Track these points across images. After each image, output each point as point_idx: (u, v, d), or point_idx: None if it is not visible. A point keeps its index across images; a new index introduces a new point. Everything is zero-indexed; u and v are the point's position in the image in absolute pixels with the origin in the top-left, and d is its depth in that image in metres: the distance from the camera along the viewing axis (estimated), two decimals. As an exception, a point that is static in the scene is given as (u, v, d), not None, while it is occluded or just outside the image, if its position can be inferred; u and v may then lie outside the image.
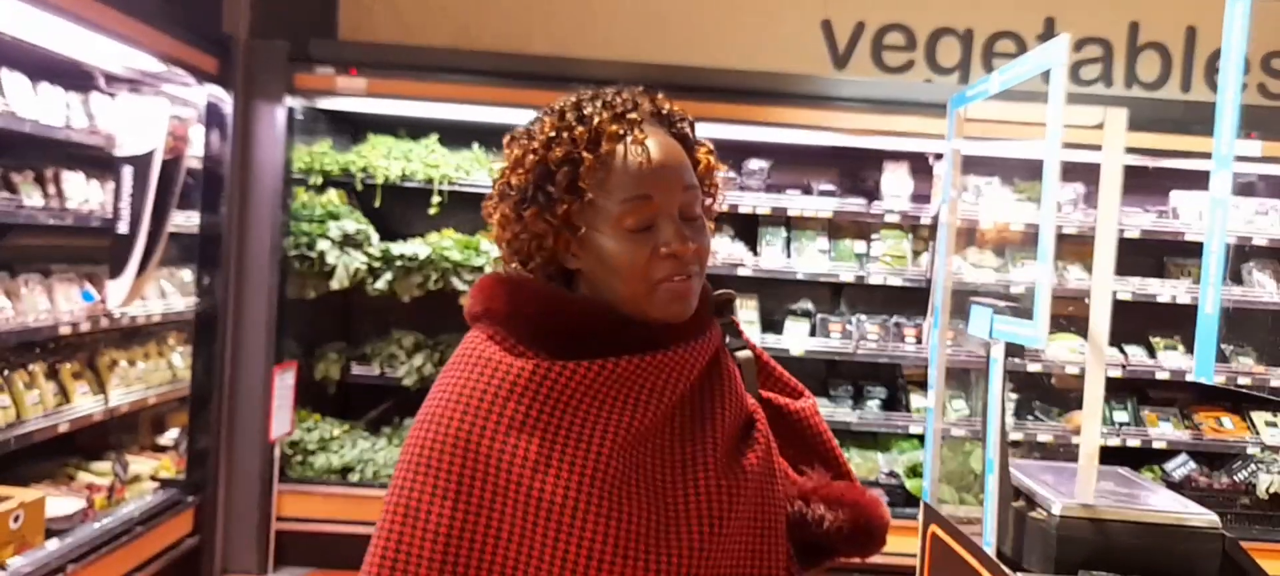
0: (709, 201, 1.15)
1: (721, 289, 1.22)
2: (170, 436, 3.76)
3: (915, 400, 4.18)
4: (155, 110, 3.13)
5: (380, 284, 3.77)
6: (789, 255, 4.16)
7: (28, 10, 2.50)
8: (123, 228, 3.13)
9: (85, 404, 3.13)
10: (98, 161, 3.26)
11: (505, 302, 1.08)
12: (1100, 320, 2.04)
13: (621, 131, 1.06)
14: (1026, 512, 1.77)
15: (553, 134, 1.07)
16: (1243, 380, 3.94)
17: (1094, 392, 2.03)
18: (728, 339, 1.21)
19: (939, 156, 3.90)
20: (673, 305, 1.06)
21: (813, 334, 4.18)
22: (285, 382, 3.51)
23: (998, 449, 1.74)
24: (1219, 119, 1.31)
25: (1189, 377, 4.01)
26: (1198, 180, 4.09)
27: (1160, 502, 1.76)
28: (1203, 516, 1.66)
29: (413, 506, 0.99)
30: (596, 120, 1.06)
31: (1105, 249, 2.09)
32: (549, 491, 0.97)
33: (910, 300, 4.23)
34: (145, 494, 3.37)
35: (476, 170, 3.88)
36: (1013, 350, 2.33)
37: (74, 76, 3.12)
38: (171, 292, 3.61)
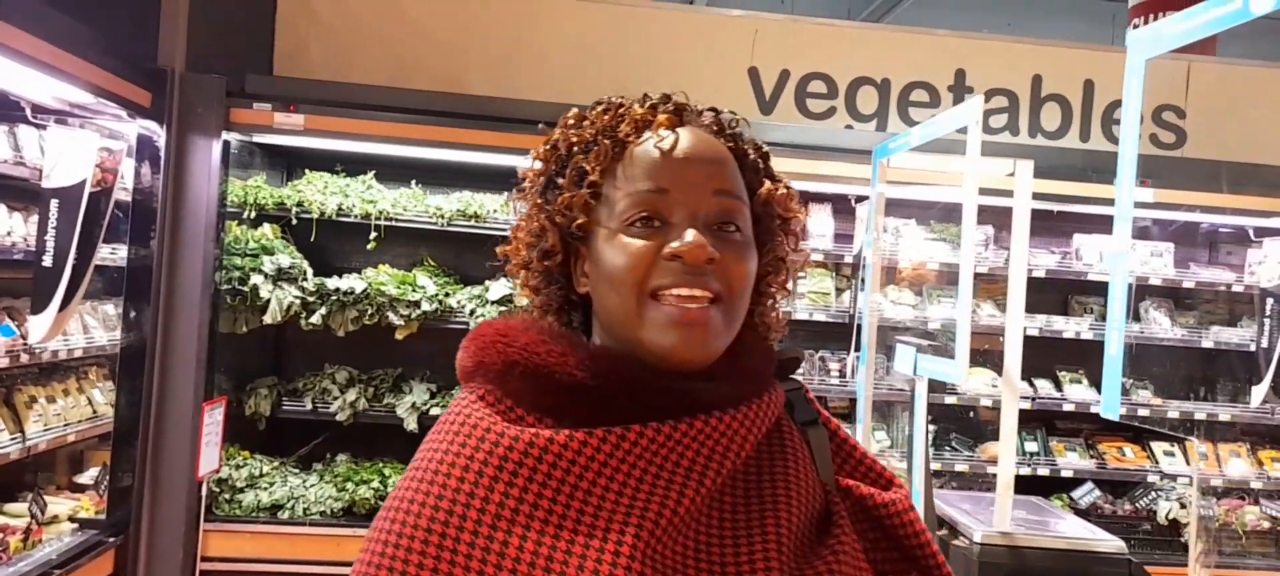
0: (778, 253, 0.95)
1: (790, 348, 1.02)
2: (90, 475, 3.64)
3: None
4: (85, 142, 3.07)
5: (315, 319, 3.75)
6: (719, 292, 4.28)
7: (-44, 41, 2.45)
8: (47, 261, 3.04)
9: (0, 442, 3.03)
10: (22, 193, 3.19)
11: (500, 353, 0.86)
12: (1013, 357, 2.19)
13: (648, 117, 0.89)
14: (950, 540, 1.89)
15: (574, 122, 0.93)
16: (1142, 411, 4.21)
17: (1009, 425, 2.18)
18: (796, 409, 0.97)
19: (861, 199, 4.08)
20: (668, 336, 0.82)
21: (742, 368, 4.30)
22: (214, 418, 3.45)
23: (924, 479, 1.86)
24: (1120, 179, 1.45)
25: (1093, 410, 4.29)
26: (1098, 223, 4.37)
27: (1071, 530, 1.91)
28: (1110, 543, 1.82)
29: None
30: (623, 107, 0.91)
31: (1017, 288, 2.25)
32: None
33: (835, 335, 4.39)
34: (64, 535, 3.25)
35: (414, 206, 3.90)
36: (932, 384, 2.47)
37: (0, 107, 3.05)
38: (94, 326, 3.52)
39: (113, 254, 3.43)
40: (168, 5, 3.47)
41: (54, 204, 3.05)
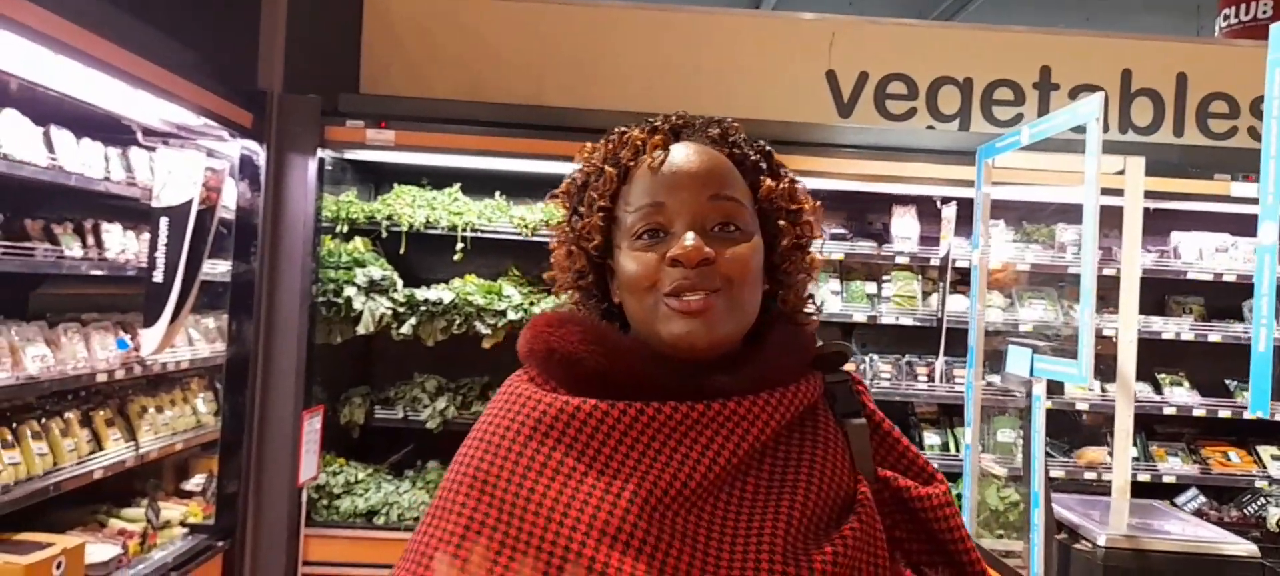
0: (793, 240, 1.03)
1: (836, 342, 1.08)
2: (195, 482, 3.78)
3: (928, 437, 4.25)
4: (191, 163, 3.20)
5: (404, 329, 3.84)
6: (802, 297, 4.25)
7: (78, 67, 2.57)
8: (158, 277, 3.18)
9: (117, 450, 3.17)
10: (134, 212, 3.33)
11: (546, 342, 0.99)
12: (1127, 359, 2.13)
13: (643, 141, 1.00)
14: (1071, 545, 1.84)
15: (587, 155, 1.06)
16: (1249, 414, 4.03)
17: (1124, 426, 2.12)
18: (837, 401, 1.03)
19: (946, 201, 4.01)
20: (676, 325, 0.93)
21: (827, 373, 4.26)
22: (313, 427, 3.56)
23: (1043, 484, 1.82)
24: (1264, 172, 1.41)
25: (1196, 414, 4.13)
26: (1196, 220, 4.22)
27: (1195, 532, 1.84)
28: (1241, 545, 1.75)
29: (421, 553, 0.92)
30: (625, 135, 1.02)
31: (1130, 289, 2.19)
32: (563, 544, 0.86)
33: (921, 339, 4.32)
34: (175, 539, 3.39)
35: (498, 217, 3.96)
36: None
37: (113, 131, 3.20)
38: (197, 339, 3.66)
39: (213, 269, 3.56)
40: (267, 30, 3.60)
41: (164, 222, 3.19)
